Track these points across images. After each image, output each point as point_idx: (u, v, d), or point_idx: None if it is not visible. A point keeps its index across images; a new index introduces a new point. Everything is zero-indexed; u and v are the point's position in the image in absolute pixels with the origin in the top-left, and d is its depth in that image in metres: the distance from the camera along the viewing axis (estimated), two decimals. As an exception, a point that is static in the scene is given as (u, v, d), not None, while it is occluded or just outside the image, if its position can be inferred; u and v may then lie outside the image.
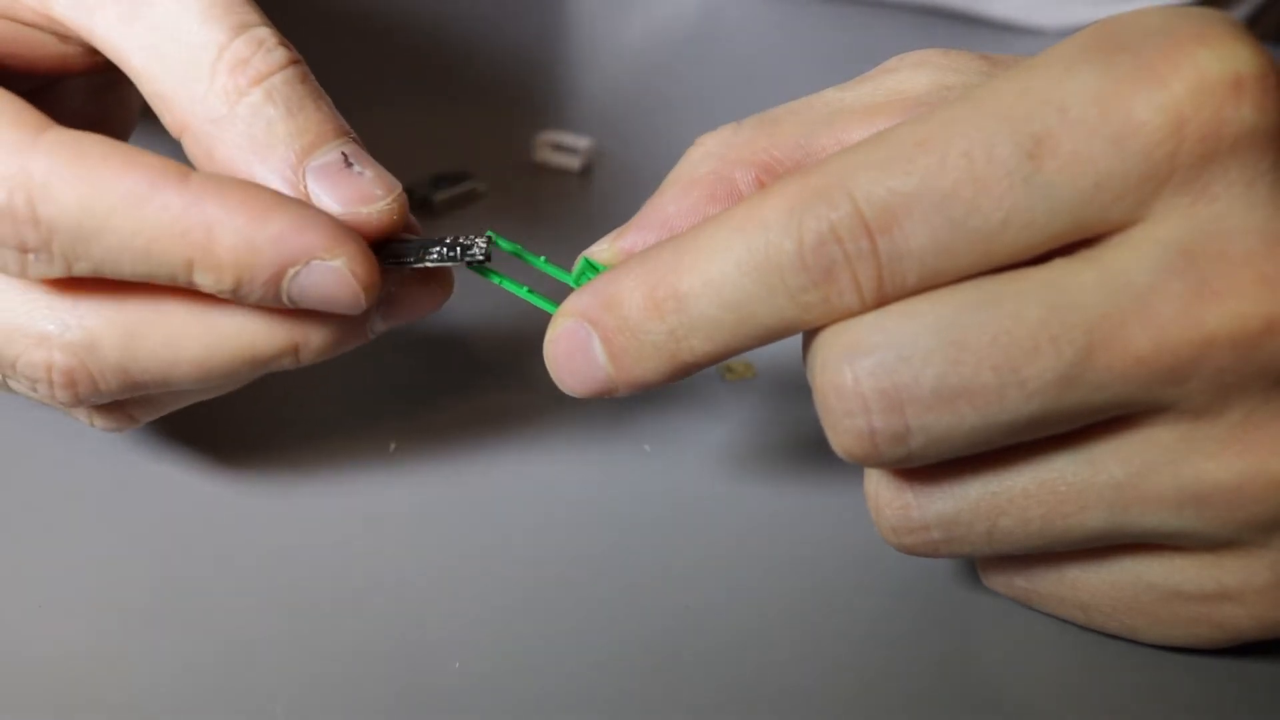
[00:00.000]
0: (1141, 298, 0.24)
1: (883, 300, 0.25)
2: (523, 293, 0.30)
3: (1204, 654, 0.29)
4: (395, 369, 0.37)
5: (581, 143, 0.47)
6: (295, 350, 0.29)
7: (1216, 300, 0.24)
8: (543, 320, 0.29)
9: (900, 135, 0.25)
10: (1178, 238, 0.24)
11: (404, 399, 0.36)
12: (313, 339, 0.29)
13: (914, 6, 0.58)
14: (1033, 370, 0.24)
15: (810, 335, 0.26)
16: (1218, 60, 0.24)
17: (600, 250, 0.30)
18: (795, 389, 0.36)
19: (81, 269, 0.27)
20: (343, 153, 0.28)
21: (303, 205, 0.27)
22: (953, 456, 0.26)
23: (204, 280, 0.27)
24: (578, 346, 0.28)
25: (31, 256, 0.27)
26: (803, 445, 0.35)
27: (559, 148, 0.47)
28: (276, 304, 0.28)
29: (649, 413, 0.36)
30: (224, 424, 0.35)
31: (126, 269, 0.27)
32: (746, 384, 0.37)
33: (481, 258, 0.29)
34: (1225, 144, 0.24)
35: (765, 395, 0.36)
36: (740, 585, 0.31)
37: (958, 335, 0.24)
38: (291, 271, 0.27)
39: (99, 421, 0.31)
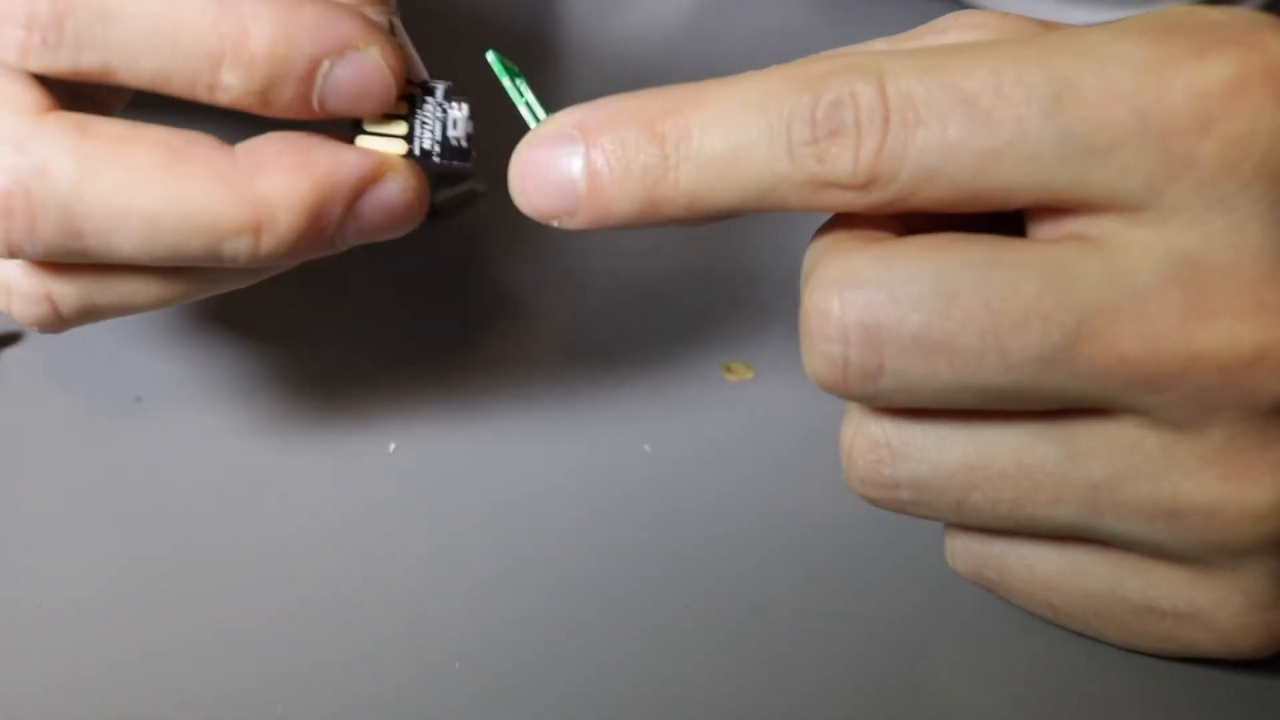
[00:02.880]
0: (1140, 299, 0.24)
1: (871, 182, 0.25)
2: (514, 94, 0.29)
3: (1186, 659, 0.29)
4: (395, 369, 0.37)
5: (581, 142, 0.46)
6: (257, 231, 0.27)
7: (1212, 319, 0.24)
8: (545, 314, 0.28)
9: (942, 48, 0.25)
10: (1187, 245, 0.24)
11: (404, 399, 0.36)
12: (279, 220, 0.27)
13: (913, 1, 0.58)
14: (1016, 343, 0.24)
15: (812, 248, 0.26)
16: (1265, 64, 0.24)
17: None
18: (795, 389, 0.36)
19: (90, 61, 0.26)
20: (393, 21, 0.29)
21: (330, 3, 0.27)
22: (919, 406, 0.26)
23: (232, 79, 0.26)
24: (557, 155, 0.27)
25: (37, 37, 0.26)
26: (803, 446, 0.35)
27: (558, 147, 0.46)
28: (305, 109, 0.27)
29: (649, 413, 0.36)
30: (222, 423, 0.35)
31: (146, 62, 0.26)
32: (746, 384, 0.37)
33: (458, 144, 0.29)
34: (1255, 156, 0.23)
35: (765, 395, 0.36)
36: (740, 585, 0.31)
37: (953, 289, 0.24)
38: (326, 65, 0.27)
39: (20, 298, 0.29)
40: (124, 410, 0.35)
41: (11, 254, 0.27)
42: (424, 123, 0.29)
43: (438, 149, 0.29)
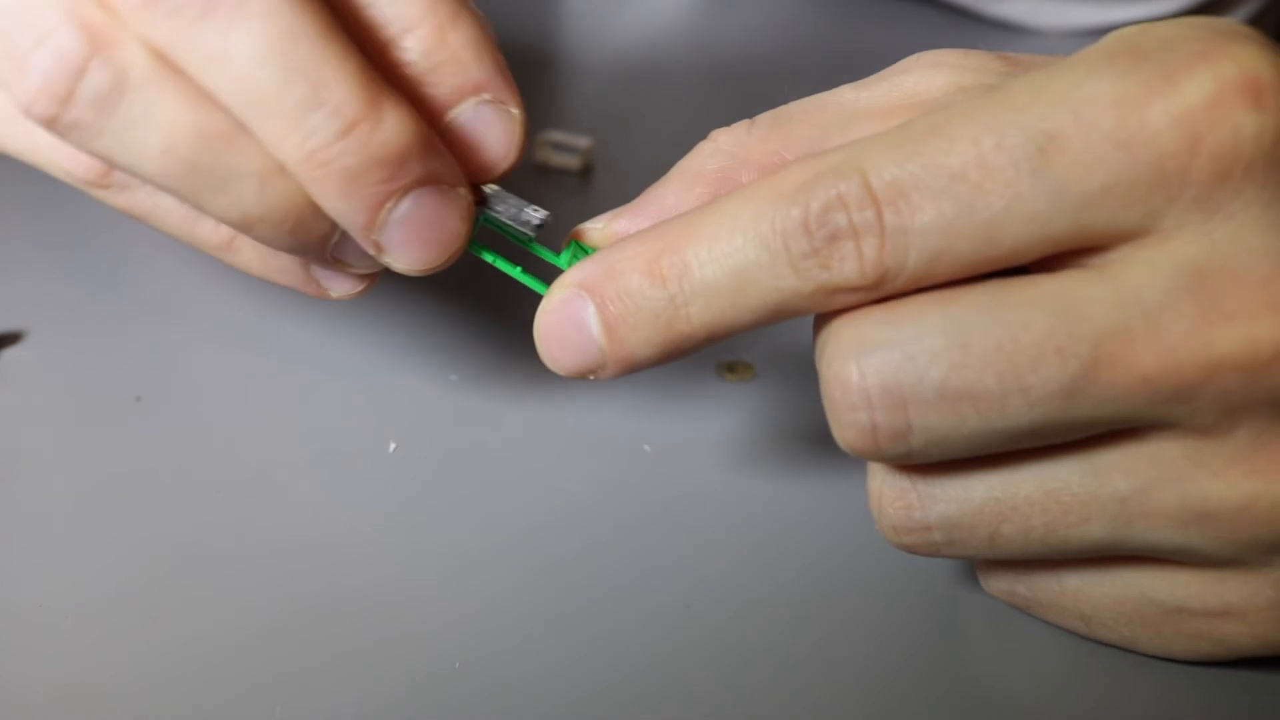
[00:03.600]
0: (1151, 315, 0.24)
1: (882, 277, 0.25)
2: (515, 273, 0.30)
3: (1205, 663, 0.29)
4: (395, 369, 0.37)
5: (581, 142, 0.47)
6: (355, 123, 0.26)
7: (1227, 323, 0.24)
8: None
9: (914, 124, 0.25)
10: (1191, 256, 0.24)
11: (404, 398, 0.36)
12: (383, 125, 0.26)
13: (914, 1, 0.58)
14: (1036, 379, 0.24)
15: (820, 325, 0.26)
16: (1238, 67, 0.24)
17: (593, 229, 0.30)
18: (795, 389, 0.36)
19: None
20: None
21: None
22: (953, 457, 0.26)
23: (412, 44, 0.28)
24: (571, 317, 0.27)
25: None
26: (802, 445, 0.35)
27: (559, 147, 0.47)
28: (440, 114, 0.28)
29: (649, 413, 0.36)
30: (222, 423, 0.35)
31: None
32: (746, 384, 0.37)
33: (533, 228, 0.30)
34: (1241, 163, 0.24)
35: (765, 395, 0.36)
36: (740, 585, 0.31)
37: (964, 338, 0.24)
38: (486, 95, 0.28)
39: (54, 55, 0.26)
40: (124, 410, 0.35)
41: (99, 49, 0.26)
42: (506, 200, 0.30)
43: (503, 216, 0.30)
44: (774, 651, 0.30)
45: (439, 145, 0.28)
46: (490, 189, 0.30)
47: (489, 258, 0.30)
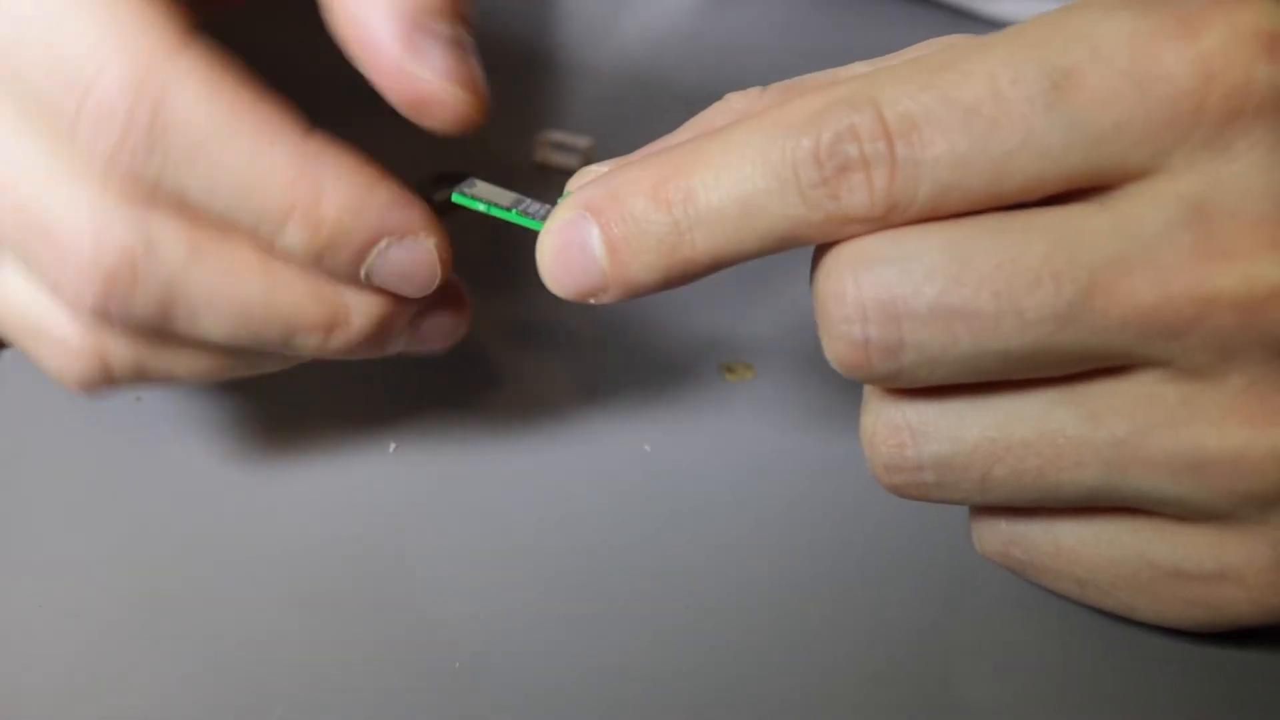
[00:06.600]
0: (1150, 248, 0.24)
1: (891, 209, 0.25)
2: (511, 216, 0.30)
3: (1207, 646, 0.29)
4: (395, 369, 0.37)
5: (581, 142, 0.46)
6: (330, 329, 0.29)
7: (1225, 260, 0.24)
8: (544, 314, 0.29)
9: (928, 59, 0.25)
10: (1194, 193, 0.24)
11: (404, 399, 0.36)
12: (352, 323, 0.29)
13: (914, 2, 0.58)
14: (1031, 302, 0.24)
15: (821, 251, 0.26)
16: (1254, 18, 0.24)
17: (596, 174, 0.30)
18: (795, 389, 0.36)
19: (170, 183, 0.27)
20: (460, 35, 0.29)
21: (403, 187, 0.28)
22: (943, 381, 0.26)
23: (294, 236, 0.27)
24: (574, 239, 0.27)
25: (127, 151, 0.27)
26: (803, 445, 0.35)
27: (559, 147, 0.47)
28: (353, 278, 0.28)
29: (649, 413, 0.36)
30: (222, 423, 0.35)
31: (219, 203, 0.27)
32: (746, 384, 0.37)
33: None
34: (1252, 103, 0.24)
35: (765, 395, 0.36)
36: (741, 585, 0.31)
37: (963, 256, 0.25)
38: (385, 243, 0.28)
39: (66, 353, 0.29)
40: (124, 410, 0.35)
41: (95, 321, 0.28)
42: (490, 190, 0.30)
43: (538, 214, 0.29)
44: (775, 651, 0.30)
45: (398, 196, 0.28)
46: (469, 186, 0.30)
47: (483, 207, 0.30)
